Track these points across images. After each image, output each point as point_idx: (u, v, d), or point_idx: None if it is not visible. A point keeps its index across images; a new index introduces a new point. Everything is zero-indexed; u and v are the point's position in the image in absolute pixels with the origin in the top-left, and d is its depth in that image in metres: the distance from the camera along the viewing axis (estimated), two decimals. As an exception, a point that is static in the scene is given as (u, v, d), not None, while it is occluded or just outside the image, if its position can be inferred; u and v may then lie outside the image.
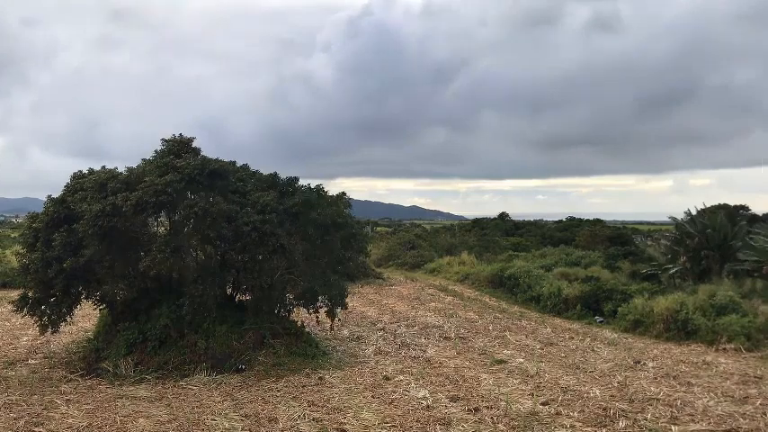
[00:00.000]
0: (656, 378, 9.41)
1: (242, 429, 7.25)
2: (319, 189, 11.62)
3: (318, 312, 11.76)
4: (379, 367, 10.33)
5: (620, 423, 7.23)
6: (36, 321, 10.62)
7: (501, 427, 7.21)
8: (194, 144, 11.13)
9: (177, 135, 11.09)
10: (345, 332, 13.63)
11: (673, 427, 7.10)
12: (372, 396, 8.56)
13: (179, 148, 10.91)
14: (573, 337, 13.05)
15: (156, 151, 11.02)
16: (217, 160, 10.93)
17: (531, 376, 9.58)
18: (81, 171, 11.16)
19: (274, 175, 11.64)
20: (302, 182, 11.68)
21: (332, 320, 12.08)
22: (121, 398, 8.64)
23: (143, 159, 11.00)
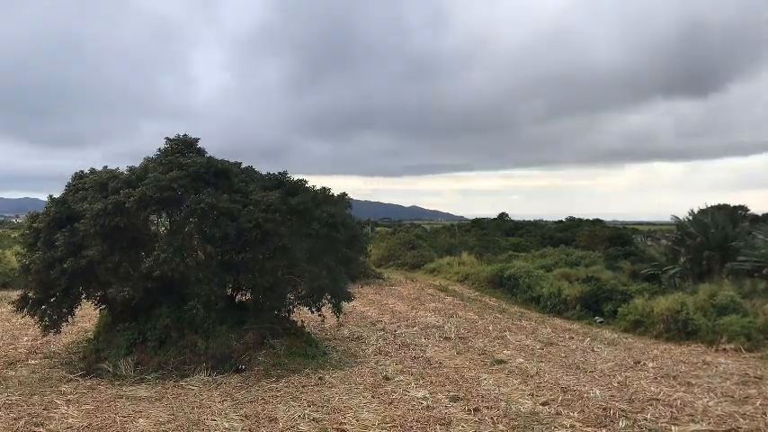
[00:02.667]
0: (656, 378, 9.41)
1: (242, 429, 7.25)
2: (325, 189, 11.74)
3: (321, 311, 11.77)
4: (379, 367, 10.33)
5: (620, 423, 7.22)
6: (37, 322, 10.62)
7: (501, 427, 7.21)
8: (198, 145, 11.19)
9: (182, 135, 11.11)
10: (345, 332, 13.63)
11: (673, 427, 7.10)
12: (372, 396, 8.56)
13: (183, 147, 10.92)
14: (573, 338, 13.05)
15: (159, 149, 11.03)
16: (222, 160, 10.95)
17: (531, 376, 9.58)
18: (82, 171, 11.18)
19: (282, 175, 11.67)
20: None
21: (338, 316, 12.17)
22: (121, 398, 8.64)
23: (145, 158, 11.02)
